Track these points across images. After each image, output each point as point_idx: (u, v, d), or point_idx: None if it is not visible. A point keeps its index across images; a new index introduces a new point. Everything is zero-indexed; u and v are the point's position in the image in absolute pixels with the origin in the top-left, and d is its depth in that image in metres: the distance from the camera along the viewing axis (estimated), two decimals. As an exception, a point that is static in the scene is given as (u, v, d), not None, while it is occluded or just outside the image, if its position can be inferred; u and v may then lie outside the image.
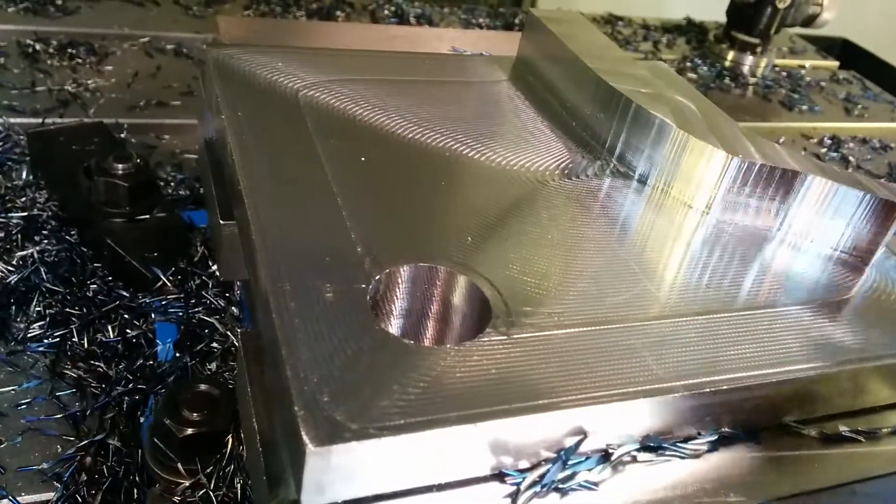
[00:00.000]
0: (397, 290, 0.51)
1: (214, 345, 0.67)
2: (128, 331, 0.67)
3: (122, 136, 0.94)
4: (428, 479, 0.41)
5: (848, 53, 1.77)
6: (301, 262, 0.48)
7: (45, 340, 0.65)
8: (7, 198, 0.78)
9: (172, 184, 0.88)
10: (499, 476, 0.43)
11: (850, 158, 1.25)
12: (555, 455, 0.44)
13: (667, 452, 0.46)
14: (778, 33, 1.47)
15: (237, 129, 0.60)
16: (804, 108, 1.40)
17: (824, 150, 1.27)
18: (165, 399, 0.56)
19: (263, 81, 0.69)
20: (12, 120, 0.92)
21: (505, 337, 0.46)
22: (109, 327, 0.67)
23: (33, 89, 1.00)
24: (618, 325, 0.49)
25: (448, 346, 0.45)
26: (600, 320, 0.49)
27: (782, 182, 0.61)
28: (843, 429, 0.52)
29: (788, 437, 0.50)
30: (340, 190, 0.56)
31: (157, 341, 0.67)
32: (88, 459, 0.57)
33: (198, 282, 0.73)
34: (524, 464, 0.43)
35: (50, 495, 0.55)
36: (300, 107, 0.66)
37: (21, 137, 0.88)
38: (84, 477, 0.56)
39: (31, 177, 0.82)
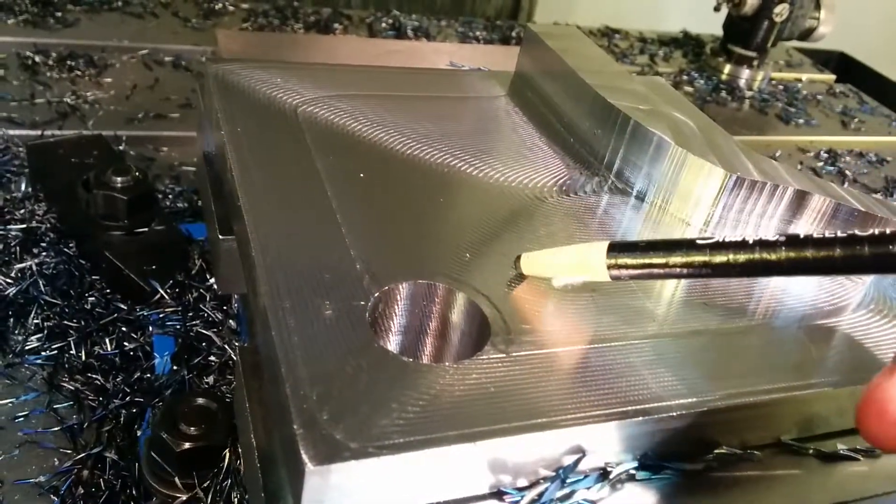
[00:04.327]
0: (396, 307, 0.51)
1: (212, 358, 0.67)
2: (125, 343, 0.67)
3: (121, 148, 0.94)
4: (427, 497, 0.41)
5: (845, 67, 1.78)
6: (300, 278, 0.48)
7: (43, 353, 0.65)
8: (6, 210, 0.78)
9: (171, 196, 0.88)
10: (497, 494, 0.43)
11: (847, 172, 1.26)
12: (553, 474, 0.44)
13: (665, 471, 0.47)
14: (775, 47, 1.48)
15: (237, 144, 0.61)
16: (801, 121, 1.41)
17: (821, 163, 1.28)
18: (163, 413, 0.56)
19: (263, 97, 0.69)
20: (11, 132, 0.92)
21: (504, 355, 0.46)
22: (107, 340, 0.67)
23: (32, 101, 1.00)
24: (616, 343, 0.49)
25: (447, 363, 0.45)
26: (599, 338, 0.49)
27: (780, 199, 0.61)
28: (841, 447, 0.52)
29: (786, 456, 0.50)
30: (339, 206, 0.56)
31: (155, 354, 0.67)
32: (85, 472, 0.57)
33: (195, 295, 0.73)
34: (523, 482, 0.43)
35: (47, 509, 0.55)
36: (299, 122, 0.66)
37: (20, 149, 0.88)
38: (81, 490, 0.56)
39: (30, 189, 0.82)
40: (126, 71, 1.12)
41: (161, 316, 0.70)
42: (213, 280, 0.74)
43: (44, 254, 0.74)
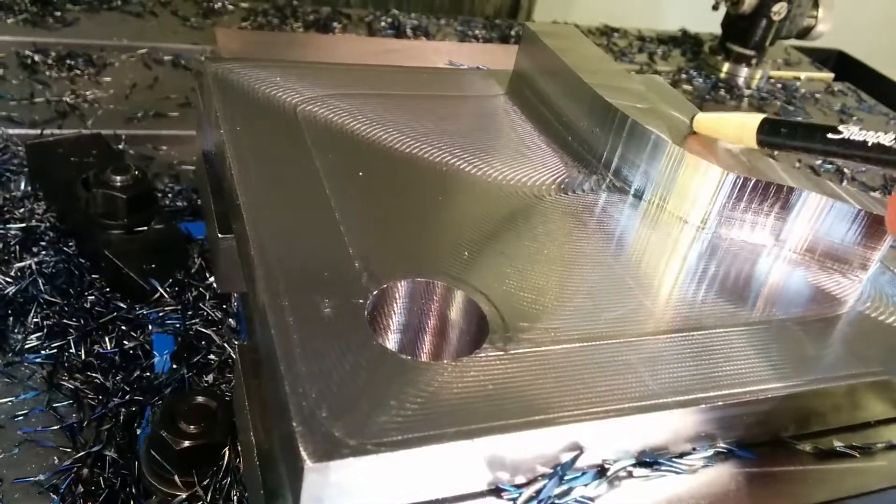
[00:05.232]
0: (395, 305, 0.51)
1: (211, 356, 0.67)
2: (125, 342, 0.67)
3: (120, 147, 0.94)
4: (425, 494, 0.41)
5: (843, 65, 1.78)
6: (299, 277, 0.48)
7: (43, 352, 0.65)
8: (5, 209, 0.79)
9: (170, 195, 0.88)
10: (496, 491, 0.43)
11: (845, 170, 1.26)
12: (551, 470, 0.44)
13: (662, 468, 0.47)
14: (773, 45, 1.48)
15: (236, 143, 0.61)
16: (799, 119, 1.41)
17: (819, 161, 1.28)
18: (162, 411, 0.56)
19: (262, 96, 0.69)
20: (11, 131, 0.92)
21: (502, 352, 0.46)
22: (107, 339, 0.67)
23: (32, 100, 1.00)
24: (614, 341, 0.49)
25: (445, 361, 0.46)
26: (596, 336, 0.50)
27: (777, 197, 0.61)
28: (837, 444, 0.52)
29: (783, 453, 0.51)
30: (338, 204, 0.56)
31: (155, 353, 0.67)
32: (85, 471, 0.57)
33: (195, 293, 0.73)
34: (521, 479, 0.44)
35: (46, 507, 0.55)
36: (298, 121, 0.67)
37: (20, 148, 0.89)
38: (81, 489, 0.56)
39: (29, 188, 0.82)
40: (125, 70, 1.13)
41: (161, 314, 0.70)
42: (212, 279, 0.74)
43: (43, 252, 0.74)
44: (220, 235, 0.61)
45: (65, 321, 0.68)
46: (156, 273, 0.71)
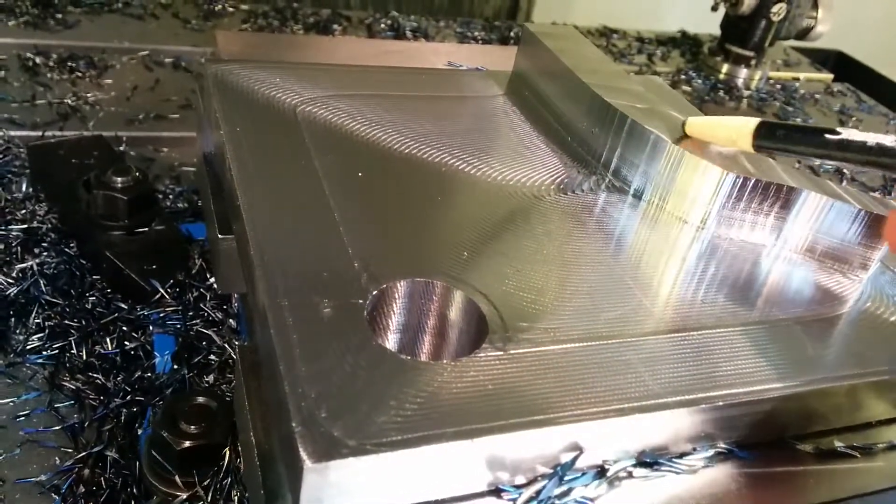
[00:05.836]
0: (394, 305, 0.51)
1: (212, 357, 0.67)
2: (126, 343, 0.67)
3: (121, 148, 0.95)
4: (425, 494, 0.42)
5: (842, 66, 1.78)
6: (298, 277, 0.48)
7: (44, 352, 0.66)
8: (7, 210, 0.79)
9: (171, 196, 0.88)
10: (495, 492, 0.43)
11: (845, 171, 1.26)
12: (551, 471, 0.44)
13: (662, 468, 0.47)
14: (772, 46, 1.48)
15: (236, 144, 0.61)
16: (798, 120, 1.41)
17: (818, 162, 1.28)
18: (163, 411, 0.56)
19: (262, 97, 0.69)
20: (12, 133, 0.92)
21: (501, 352, 0.46)
22: (108, 339, 0.67)
23: (33, 102, 1.00)
24: (613, 341, 0.49)
25: (445, 361, 0.46)
26: (596, 336, 0.50)
27: (777, 197, 0.61)
28: (838, 444, 0.52)
29: (784, 453, 0.51)
30: (338, 205, 0.56)
31: (156, 353, 0.67)
32: (86, 471, 0.57)
33: (196, 294, 0.73)
34: (521, 479, 0.44)
35: (48, 508, 0.55)
36: (298, 122, 0.67)
37: (21, 150, 0.89)
38: (82, 489, 0.56)
39: (31, 189, 0.82)
40: (126, 72, 1.13)
41: (161, 315, 0.71)
42: (213, 279, 0.74)
43: (45, 254, 0.74)
44: (220, 236, 0.61)
45: (66, 322, 0.68)
46: (156, 274, 0.72)
